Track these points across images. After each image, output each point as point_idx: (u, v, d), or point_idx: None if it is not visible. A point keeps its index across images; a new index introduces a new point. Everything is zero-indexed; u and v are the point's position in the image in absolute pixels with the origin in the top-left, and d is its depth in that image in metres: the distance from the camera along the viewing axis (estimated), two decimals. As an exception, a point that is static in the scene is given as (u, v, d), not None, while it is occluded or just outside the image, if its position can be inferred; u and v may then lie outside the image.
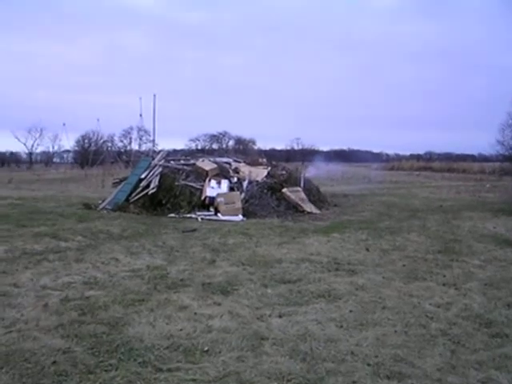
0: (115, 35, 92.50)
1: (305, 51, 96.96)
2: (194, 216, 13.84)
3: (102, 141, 52.16)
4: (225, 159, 18.34)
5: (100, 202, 15.52)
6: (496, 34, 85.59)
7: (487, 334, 4.88)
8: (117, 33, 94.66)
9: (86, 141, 54.09)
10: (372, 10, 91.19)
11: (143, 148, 53.80)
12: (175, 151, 24.93)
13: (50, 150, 65.31)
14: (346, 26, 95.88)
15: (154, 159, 16.88)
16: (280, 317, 5.33)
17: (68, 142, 54.50)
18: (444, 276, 7.27)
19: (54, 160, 67.26)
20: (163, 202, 14.89)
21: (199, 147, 58.30)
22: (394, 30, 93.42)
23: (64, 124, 48.64)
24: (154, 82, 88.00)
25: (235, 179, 16.11)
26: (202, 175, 15.77)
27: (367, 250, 9.34)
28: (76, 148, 55.62)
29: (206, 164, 16.45)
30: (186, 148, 55.43)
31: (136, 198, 14.90)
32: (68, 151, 62.29)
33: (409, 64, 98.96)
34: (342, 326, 5.05)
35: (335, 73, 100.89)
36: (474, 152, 61.65)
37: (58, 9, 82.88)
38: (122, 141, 57.95)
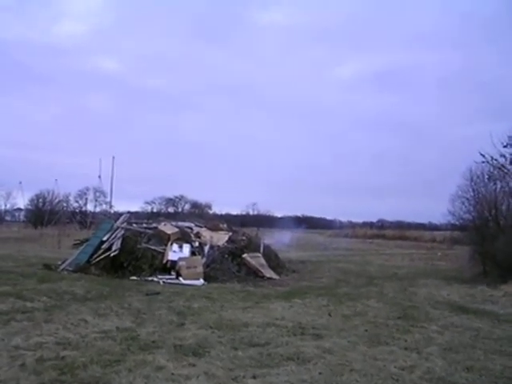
0: (77, 97, 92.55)
1: (262, 117, 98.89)
2: (155, 279, 13.90)
3: (57, 200, 51.54)
4: (186, 223, 18.57)
5: (60, 262, 15.44)
6: (448, 107, 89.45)
7: (450, 395, 5.19)
8: (77, 94, 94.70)
9: (41, 200, 53.39)
10: (330, 80, 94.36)
11: (98, 209, 53.42)
12: (130, 213, 24.98)
13: (2, 207, 64.00)
14: (303, 94, 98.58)
15: (116, 221, 16.96)
16: (254, 378, 5.54)
17: (23, 201, 53.30)
18: (405, 341, 7.60)
19: (6, 218, 65.75)
20: (125, 264, 14.92)
21: (155, 210, 58.19)
22: (349, 100, 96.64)
23: (20, 182, 48.10)
24: (113, 144, 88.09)
25: (197, 243, 16.34)
26: (164, 239, 15.94)
27: (329, 315, 9.62)
28: (29, 207, 54.76)
29: (168, 228, 16.65)
30: (141, 210, 55.40)
31: (97, 259, 14.91)
32: (20, 209, 61.13)
33: (363, 133, 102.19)
34: (313, 387, 5.29)
35: (291, 139, 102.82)
36: (425, 221, 63.32)
37: (23, 67, 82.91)
38: (77, 201, 57.43)
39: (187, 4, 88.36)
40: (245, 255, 16.30)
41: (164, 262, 14.91)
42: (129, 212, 25.84)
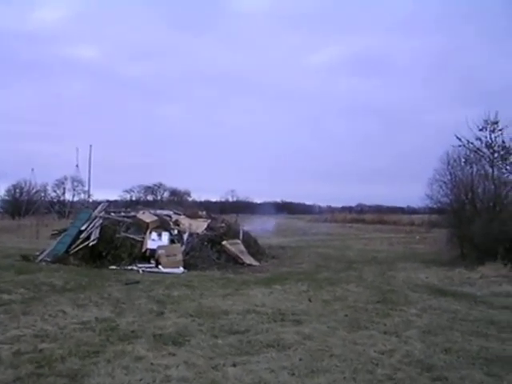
0: (54, 84, 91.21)
1: (242, 104, 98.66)
2: (135, 268, 13.86)
3: (34, 190, 50.96)
4: (165, 212, 18.48)
5: (38, 253, 15.28)
6: (426, 92, 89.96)
7: (429, 377, 5.24)
8: (55, 82, 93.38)
9: (18, 190, 52.72)
10: (308, 66, 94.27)
11: (76, 199, 53.00)
12: (109, 202, 24.81)
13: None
14: (283, 80, 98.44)
15: (94, 210, 16.82)
16: (234, 366, 5.53)
17: None
18: (385, 325, 7.67)
19: (-18, 209, 64.91)
20: (104, 254, 14.83)
21: (134, 198, 57.83)
22: (328, 86, 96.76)
23: (-4, 172, 47.49)
24: (92, 132, 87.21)
25: (176, 231, 16.29)
26: (143, 227, 15.85)
27: (309, 300, 9.67)
28: (6, 197, 54.06)
29: (147, 216, 16.56)
30: (119, 199, 54.95)
31: (76, 249, 14.78)
32: (-4, 200, 60.36)
33: (341, 118, 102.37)
34: (294, 374, 5.30)
35: (270, 125, 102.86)
36: (403, 204, 63.82)
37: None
38: (55, 191, 56.87)
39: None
40: (224, 242, 16.30)
41: (143, 250, 14.86)
42: (107, 201, 25.63)
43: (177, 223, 17.08)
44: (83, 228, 15.45)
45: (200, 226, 17.12)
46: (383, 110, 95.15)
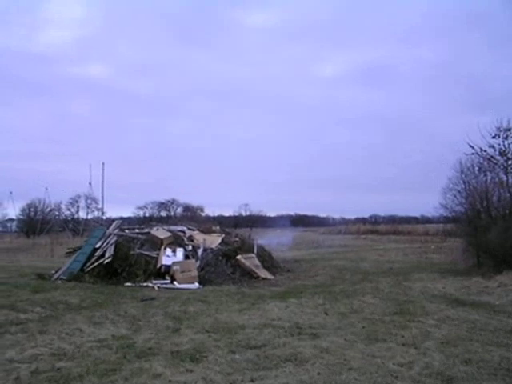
0: (63, 103, 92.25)
1: (248, 117, 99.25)
2: (150, 284, 13.84)
3: (48, 209, 51.34)
4: (179, 227, 18.51)
5: (53, 271, 15.35)
6: (433, 100, 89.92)
7: (449, 389, 5.18)
8: (65, 101, 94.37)
9: (32, 209, 53.08)
10: (314, 78, 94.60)
11: (90, 216, 53.26)
12: (123, 219, 24.94)
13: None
14: (289, 93, 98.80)
15: (108, 228, 16.87)
16: (252, 381, 5.50)
17: (14, 211, 52.95)
18: (403, 336, 7.59)
19: (-2, 229, 65.36)
20: (119, 271, 14.86)
21: (147, 215, 57.96)
22: (334, 96, 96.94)
23: (11, 192, 47.90)
24: (103, 150, 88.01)
25: (190, 247, 16.29)
26: (157, 244, 15.88)
27: (326, 313, 9.60)
28: (21, 216, 54.42)
29: (161, 232, 16.58)
30: (133, 216, 55.23)
31: (91, 267, 14.82)
32: (12, 220, 60.77)
33: (350, 129, 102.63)
34: (312, 388, 5.26)
35: (280, 139, 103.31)
36: (417, 214, 63.54)
37: (8, 76, 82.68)
38: (69, 209, 57.14)
39: (172, 9, 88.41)
40: (239, 256, 16.28)
41: (158, 266, 14.86)
42: (121, 218, 25.82)
43: (191, 239, 17.10)
44: (98, 246, 15.50)
45: (214, 240, 17.12)
46: (390, 119, 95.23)
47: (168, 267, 14.70)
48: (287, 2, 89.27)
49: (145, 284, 13.96)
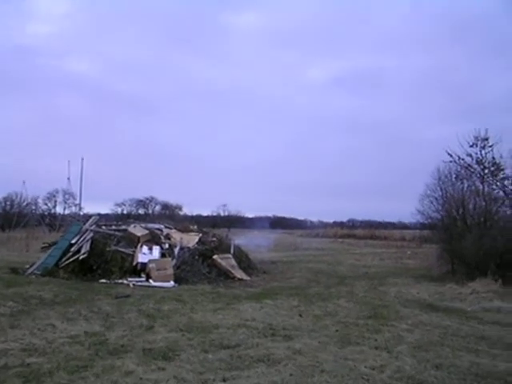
0: (45, 97, 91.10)
1: (233, 119, 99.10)
2: (125, 282, 13.73)
3: (25, 203, 50.67)
4: (156, 225, 18.41)
5: (27, 266, 15.16)
6: (417, 109, 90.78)
7: (419, 394, 5.23)
8: (47, 95, 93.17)
9: (9, 203, 52.30)
10: (302, 83, 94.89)
11: (67, 212, 52.74)
12: (100, 215, 24.75)
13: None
14: (275, 96, 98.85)
15: (85, 224, 16.73)
16: (224, 381, 5.51)
17: (-11, 204, 52.12)
18: (375, 340, 7.65)
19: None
20: (94, 267, 14.72)
21: (125, 212, 57.66)
22: (322, 103, 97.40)
23: (-15, 185, 47.15)
24: (83, 146, 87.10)
25: (167, 245, 16.22)
26: (134, 241, 15.79)
27: (300, 315, 9.65)
28: (-4, 210, 53.65)
29: (138, 230, 16.49)
30: (111, 212, 54.81)
31: (66, 263, 14.67)
32: (-13, 212, 59.91)
33: (333, 135, 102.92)
34: (284, 389, 5.27)
35: (262, 141, 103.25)
36: (394, 220, 63.99)
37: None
38: (46, 204, 56.53)
39: (160, 7, 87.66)
40: (215, 256, 16.25)
41: (134, 264, 14.76)
42: (99, 214, 25.55)
43: (168, 237, 17.03)
44: (74, 241, 15.35)
45: (191, 240, 17.07)
46: (375, 126, 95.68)
47: (144, 265, 14.61)
48: (278, 5, 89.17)
49: (120, 281, 13.85)
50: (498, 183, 17.44)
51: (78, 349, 6.68)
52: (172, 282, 13.90)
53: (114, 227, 17.35)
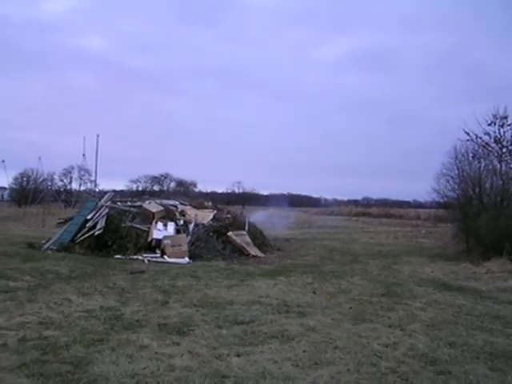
0: (61, 74, 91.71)
1: (247, 98, 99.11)
2: (140, 258, 13.84)
3: (41, 179, 51.11)
4: (171, 202, 18.49)
5: (44, 241, 15.35)
6: (432, 88, 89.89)
7: (432, 371, 5.23)
8: (63, 73, 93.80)
9: (25, 179, 52.76)
10: (313, 62, 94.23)
11: (82, 188, 53.14)
12: (115, 192, 24.89)
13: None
14: (289, 75, 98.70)
15: (100, 200, 16.83)
16: (238, 356, 5.53)
17: (7, 180, 52.54)
18: (389, 318, 7.65)
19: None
20: (109, 243, 14.87)
21: (140, 188, 57.97)
22: (334, 81, 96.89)
23: (3, 161, 47.52)
24: (98, 123, 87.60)
25: (181, 222, 16.28)
26: (149, 217, 15.86)
27: (314, 292, 9.67)
28: (13, 186, 54.11)
29: (153, 206, 16.56)
30: (126, 189, 55.18)
31: (82, 238, 14.81)
32: (4, 188, 60.44)
33: (347, 114, 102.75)
34: (297, 365, 5.30)
35: (277, 120, 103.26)
36: (410, 198, 63.76)
37: (6, 44, 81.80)
38: (62, 180, 57.05)
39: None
40: (230, 233, 16.31)
41: (149, 240, 14.86)
42: (114, 190, 25.70)
43: (183, 213, 17.09)
44: (89, 217, 15.47)
45: (206, 216, 17.12)
46: (389, 105, 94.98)
47: (159, 241, 14.71)
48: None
49: (135, 257, 13.97)
50: (517, 162, 17.26)
51: (94, 323, 6.75)
52: (187, 259, 13.99)
53: (129, 203, 17.44)
